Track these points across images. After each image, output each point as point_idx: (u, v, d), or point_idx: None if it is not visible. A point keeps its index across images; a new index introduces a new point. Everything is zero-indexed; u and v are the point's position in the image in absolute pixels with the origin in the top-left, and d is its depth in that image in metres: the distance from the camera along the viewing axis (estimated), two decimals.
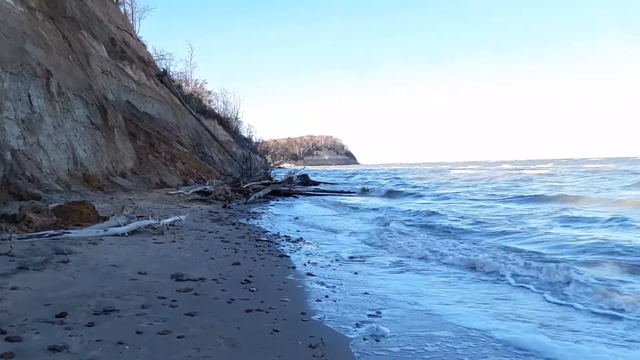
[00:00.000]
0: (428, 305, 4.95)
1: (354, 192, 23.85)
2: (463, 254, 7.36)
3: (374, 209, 14.91)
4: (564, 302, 4.99)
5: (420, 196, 20.64)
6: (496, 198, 18.11)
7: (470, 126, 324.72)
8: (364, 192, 23.76)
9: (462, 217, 11.82)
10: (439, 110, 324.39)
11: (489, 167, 69.77)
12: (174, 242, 7.70)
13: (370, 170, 78.97)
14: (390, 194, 21.85)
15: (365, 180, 38.53)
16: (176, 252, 6.92)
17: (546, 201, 15.97)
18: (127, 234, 7.85)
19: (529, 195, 17.98)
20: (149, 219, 8.81)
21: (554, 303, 4.99)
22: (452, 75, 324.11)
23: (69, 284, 4.65)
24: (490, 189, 24.13)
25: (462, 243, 8.59)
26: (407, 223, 11.33)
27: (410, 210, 13.82)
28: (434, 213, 12.54)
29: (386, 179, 39.92)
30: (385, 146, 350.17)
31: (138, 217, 9.36)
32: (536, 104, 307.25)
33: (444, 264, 7.06)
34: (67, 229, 7.29)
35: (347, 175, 52.85)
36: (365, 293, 5.36)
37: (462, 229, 10.16)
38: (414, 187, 27.63)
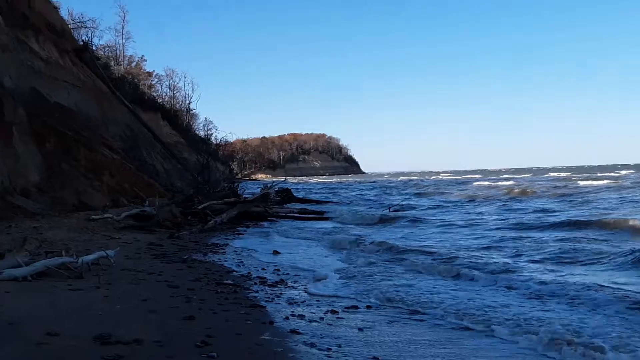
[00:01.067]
0: None
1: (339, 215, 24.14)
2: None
3: (363, 243, 14.95)
4: None
5: (418, 222, 21.16)
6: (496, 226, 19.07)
7: (529, 124, 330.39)
8: (357, 216, 23.99)
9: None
10: (482, 104, 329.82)
11: (536, 175, 71.46)
12: (98, 288, 7.63)
13: (374, 181, 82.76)
14: (384, 221, 22.17)
15: (355, 197, 41.12)
16: (101, 302, 6.86)
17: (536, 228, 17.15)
18: (30, 278, 7.76)
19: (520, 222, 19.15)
20: (62, 256, 8.73)
21: None
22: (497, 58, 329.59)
23: None
24: (497, 209, 25.70)
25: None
26: (407, 265, 11.50)
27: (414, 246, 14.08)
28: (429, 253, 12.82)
29: (381, 195, 42.75)
30: (401, 152, 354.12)
31: (46, 253, 9.27)
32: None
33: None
34: None
35: (332, 189, 57.22)
36: (375, 358, 5.35)
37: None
38: (412, 208, 29.03)
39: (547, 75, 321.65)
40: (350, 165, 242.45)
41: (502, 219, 20.75)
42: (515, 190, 36.83)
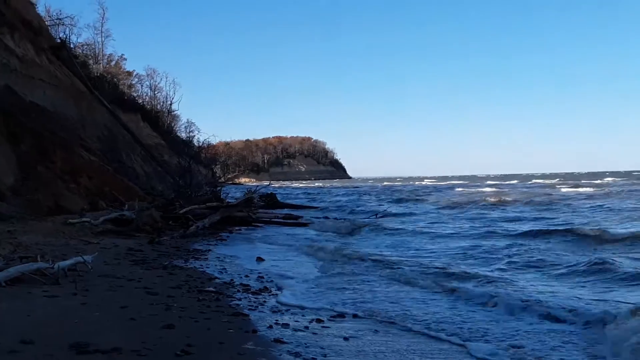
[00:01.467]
0: None
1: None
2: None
3: (344, 252, 15.04)
4: None
5: (393, 230, 21.48)
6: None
7: (523, 130, 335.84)
8: (339, 224, 24.18)
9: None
10: (477, 107, 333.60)
11: (521, 182, 72.75)
12: (75, 295, 7.60)
13: (357, 187, 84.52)
14: (362, 227, 22.54)
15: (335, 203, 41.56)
16: (78, 310, 6.82)
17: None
18: (4, 284, 7.71)
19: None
20: (37, 261, 8.68)
21: None
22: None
23: None
24: (471, 217, 26.42)
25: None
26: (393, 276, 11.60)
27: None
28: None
29: (358, 202, 43.56)
30: (388, 156, 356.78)
31: (21, 258, 9.20)
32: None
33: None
34: None
35: (310, 194, 58.62)
36: None
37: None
38: (389, 215, 29.38)
39: (544, 80, 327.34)
40: (337, 169, 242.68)
41: (474, 227, 21.19)
42: (493, 199, 37.26)
